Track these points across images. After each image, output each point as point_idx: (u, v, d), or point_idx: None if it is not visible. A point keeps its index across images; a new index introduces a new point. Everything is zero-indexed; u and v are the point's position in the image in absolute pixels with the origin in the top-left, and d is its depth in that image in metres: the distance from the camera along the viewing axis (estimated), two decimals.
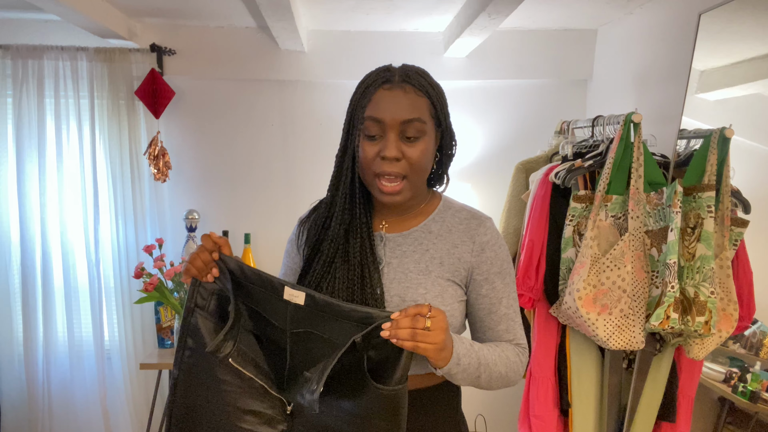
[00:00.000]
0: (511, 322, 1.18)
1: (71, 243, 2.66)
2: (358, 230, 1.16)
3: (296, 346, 1.08)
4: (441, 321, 0.98)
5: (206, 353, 1.06)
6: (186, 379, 1.10)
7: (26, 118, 2.57)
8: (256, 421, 1.08)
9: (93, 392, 2.72)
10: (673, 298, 1.64)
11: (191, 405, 1.10)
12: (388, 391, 0.97)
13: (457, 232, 1.19)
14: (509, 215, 2.35)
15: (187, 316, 1.09)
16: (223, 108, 2.80)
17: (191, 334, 1.09)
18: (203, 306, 1.09)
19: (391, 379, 0.98)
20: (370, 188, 1.16)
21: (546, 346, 2.00)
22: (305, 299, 1.04)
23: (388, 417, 0.99)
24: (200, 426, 1.10)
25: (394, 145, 1.09)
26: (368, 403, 0.99)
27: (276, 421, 1.09)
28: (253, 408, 1.08)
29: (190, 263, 1.08)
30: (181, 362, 1.10)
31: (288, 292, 1.05)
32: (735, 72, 1.89)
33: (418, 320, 0.96)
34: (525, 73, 2.82)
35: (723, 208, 1.74)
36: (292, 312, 1.06)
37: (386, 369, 0.99)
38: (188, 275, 1.09)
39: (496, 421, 2.98)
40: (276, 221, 2.85)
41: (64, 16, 2.23)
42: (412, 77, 1.12)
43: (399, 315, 0.97)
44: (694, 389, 1.92)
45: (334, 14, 2.49)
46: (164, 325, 2.57)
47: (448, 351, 1.01)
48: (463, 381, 1.08)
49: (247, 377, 1.05)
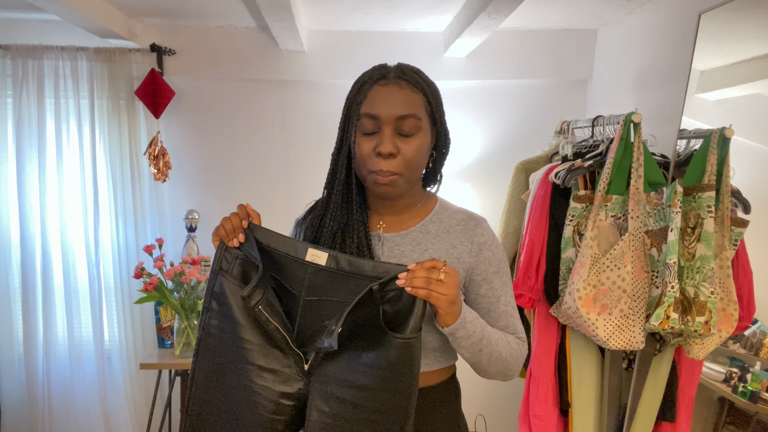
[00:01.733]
0: (510, 318, 1.20)
1: (71, 243, 2.66)
2: (354, 229, 1.17)
3: (306, 313, 1.12)
4: (454, 276, 1.02)
5: (230, 315, 1.12)
6: (209, 340, 1.15)
7: (26, 118, 2.57)
8: (275, 379, 1.11)
9: (93, 392, 2.72)
10: (673, 298, 1.64)
11: (215, 364, 1.15)
12: (403, 339, 1.02)
13: (455, 233, 1.19)
14: (509, 215, 2.35)
15: (212, 278, 1.15)
16: (223, 108, 2.80)
17: (215, 297, 1.14)
18: (227, 269, 1.14)
19: (407, 328, 1.03)
20: (366, 182, 1.17)
21: (546, 346, 2.00)
22: (327, 259, 1.10)
23: (404, 367, 1.04)
24: (223, 384, 1.14)
25: (390, 140, 1.10)
26: (384, 353, 1.04)
27: (293, 379, 1.12)
28: (272, 366, 1.11)
29: (220, 225, 1.14)
30: (205, 324, 1.15)
31: (311, 253, 1.11)
32: (735, 72, 1.89)
33: (432, 271, 1.00)
34: (525, 73, 2.82)
35: (723, 208, 1.74)
36: (310, 277, 1.11)
37: (401, 321, 1.04)
38: (217, 236, 1.15)
39: (496, 421, 2.98)
40: (276, 221, 2.82)
41: (64, 16, 2.23)
42: (407, 74, 1.13)
43: (415, 266, 1.02)
44: (694, 389, 1.92)
45: (334, 14, 2.49)
46: (164, 325, 2.57)
47: (457, 307, 1.04)
48: (466, 350, 1.10)
49: (272, 327, 1.09)
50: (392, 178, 1.12)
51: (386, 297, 1.05)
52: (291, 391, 1.11)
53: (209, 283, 1.15)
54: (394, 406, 1.05)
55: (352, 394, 1.06)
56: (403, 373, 1.04)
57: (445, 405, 1.22)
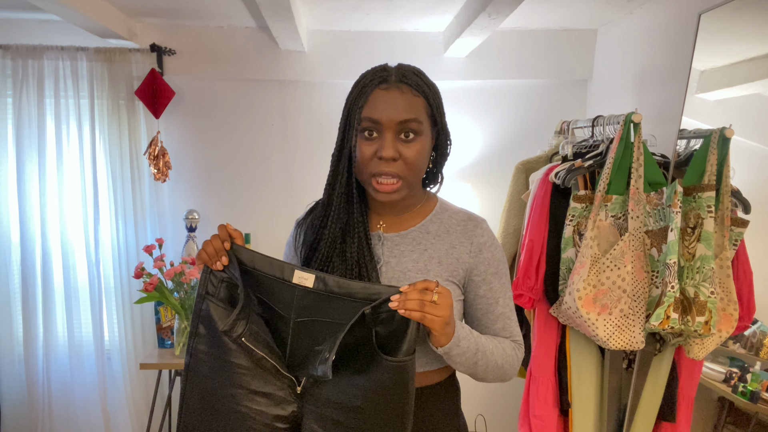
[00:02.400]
0: (507, 321, 1.20)
1: (71, 243, 2.66)
2: (354, 230, 1.17)
3: (298, 335, 1.10)
4: (447, 297, 1.00)
5: (218, 339, 1.09)
6: (198, 366, 1.12)
7: (26, 118, 2.57)
8: (268, 403, 1.10)
9: (93, 392, 2.73)
10: (673, 298, 1.64)
11: (205, 390, 1.12)
12: (397, 362, 1.00)
13: (454, 233, 1.19)
14: (509, 215, 2.35)
15: (198, 303, 1.12)
16: (223, 108, 2.80)
17: (203, 321, 1.12)
18: (214, 293, 1.12)
19: (400, 351, 1.01)
20: (366, 187, 1.16)
21: (546, 346, 2.00)
22: (315, 281, 1.07)
23: (399, 389, 1.02)
24: (215, 411, 1.12)
25: (391, 145, 1.10)
26: (378, 376, 1.02)
27: (286, 402, 1.10)
28: (265, 390, 1.10)
29: (202, 249, 1.12)
30: (193, 349, 1.13)
31: (298, 275, 1.08)
32: (735, 72, 1.89)
33: (426, 293, 0.99)
34: (525, 73, 2.82)
35: (723, 208, 1.74)
36: (299, 299, 1.09)
37: (394, 343, 1.02)
38: (200, 260, 1.13)
39: (496, 421, 2.98)
40: (276, 221, 2.85)
41: (64, 16, 2.23)
42: (408, 77, 1.13)
43: (408, 288, 1.00)
44: (694, 389, 1.92)
45: (334, 14, 2.49)
46: (164, 325, 2.57)
47: (451, 327, 1.03)
48: (461, 365, 1.10)
49: (259, 356, 1.07)
50: (395, 186, 1.12)
51: (379, 319, 1.03)
52: (285, 414, 1.10)
53: (195, 307, 1.12)
54: (389, 427, 1.04)
55: (346, 416, 1.05)
56: (397, 395, 1.03)
57: (445, 404, 1.22)
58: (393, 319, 1.02)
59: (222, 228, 1.12)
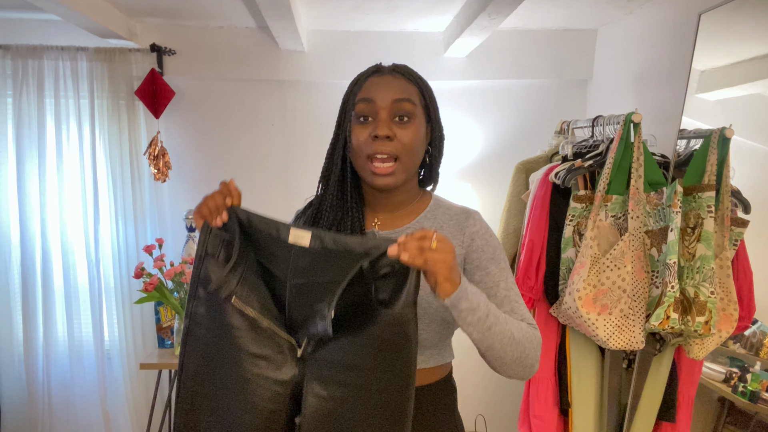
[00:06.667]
0: (515, 304, 1.14)
1: (71, 243, 2.66)
2: (350, 225, 1.17)
3: (295, 297, 1.08)
4: (447, 242, 0.96)
5: (216, 302, 1.06)
6: (197, 329, 1.09)
7: (26, 118, 2.57)
8: (268, 366, 1.07)
9: (93, 392, 2.72)
10: (673, 298, 1.64)
11: (204, 354, 1.09)
12: (397, 313, 0.97)
13: (448, 228, 1.19)
14: (509, 215, 2.35)
15: (197, 264, 1.09)
16: (223, 108, 2.80)
17: (202, 283, 1.09)
18: (213, 254, 1.09)
19: (399, 302, 0.97)
20: (363, 173, 1.16)
21: (546, 347, 2.00)
22: (311, 239, 1.05)
23: (400, 343, 0.99)
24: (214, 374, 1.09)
25: (386, 124, 1.11)
26: (379, 330, 0.99)
27: (287, 365, 1.07)
28: (265, 353, 1.07)
29: (203, 203, 1.10)
30: (192, 313, 1.10)
31: (294, 234, 1.06)
32: (735, 72, 1.89)
33: (424, 240, 0.95)
34: (525, 73, 2.82)
35: (723, 208, 1.74)
36: (295, 259, 1.07)
37: (394, 296, 0.99)
38: (200, 215, 1.10)
39: (496, 421, 2.98)
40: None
41: (64, 16, 2.23)
42: (401, 69, 1.18)
43: (405, 237, 0.97)
44: (694, 389, 1.92)
45: (334, 14, 2.49)
46: (164, 325, 2.57)
47: (456, 274, 0.98)
48: (474, 328, 1.01)
49: (251, 317, 1.05)
50: (391, 168, 1.12)
51: (378, 274, 1.00)
52: (285, 378, 1.07)
53: (194, 269, 1.09)
54: (393, 386, 1.01)
55: (349, 376, 1.03)
56: (398, 350, 0.99)
57: (441, 404, 1.21)
58: (392, 274, 0.99)
59: (224, 184, 1.11)
